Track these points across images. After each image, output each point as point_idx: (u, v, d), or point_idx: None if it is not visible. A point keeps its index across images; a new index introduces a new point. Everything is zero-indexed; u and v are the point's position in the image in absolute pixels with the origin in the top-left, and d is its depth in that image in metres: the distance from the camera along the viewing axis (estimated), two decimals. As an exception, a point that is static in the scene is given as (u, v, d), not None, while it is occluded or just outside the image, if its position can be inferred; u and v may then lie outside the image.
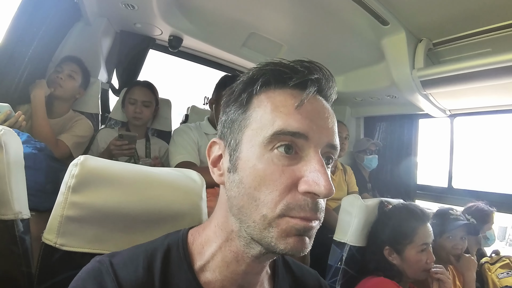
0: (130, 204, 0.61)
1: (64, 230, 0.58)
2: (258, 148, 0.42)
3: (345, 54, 1.98)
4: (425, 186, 2.43)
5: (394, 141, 2.59)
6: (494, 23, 1.39)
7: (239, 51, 2.06)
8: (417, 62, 1.63)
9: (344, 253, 1.13)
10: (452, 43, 1.59)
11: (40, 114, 1.35)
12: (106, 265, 0.45)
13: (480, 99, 1.84)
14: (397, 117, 2.53)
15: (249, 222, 0.42)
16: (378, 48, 1.73)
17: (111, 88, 2.05)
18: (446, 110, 2.05)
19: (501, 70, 1.39)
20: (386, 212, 1.17)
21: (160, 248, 0.49)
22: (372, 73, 2.06)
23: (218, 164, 0.49)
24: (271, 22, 1.75)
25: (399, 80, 1.75)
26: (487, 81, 1.53)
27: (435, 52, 1.69)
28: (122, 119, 1.80)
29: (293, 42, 1.95)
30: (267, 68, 0.45)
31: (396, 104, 2.31)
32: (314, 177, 0.40)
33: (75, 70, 1.54)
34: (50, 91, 1.44)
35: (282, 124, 0.41)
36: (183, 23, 1.82)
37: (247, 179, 0.42)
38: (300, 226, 0.40)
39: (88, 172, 0.59)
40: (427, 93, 1.80)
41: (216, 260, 0.48)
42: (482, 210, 1.63)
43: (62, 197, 0.58)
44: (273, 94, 0.44)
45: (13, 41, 1.32)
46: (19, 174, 0.68)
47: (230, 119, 0.47)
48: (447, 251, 1.34)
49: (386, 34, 1.62)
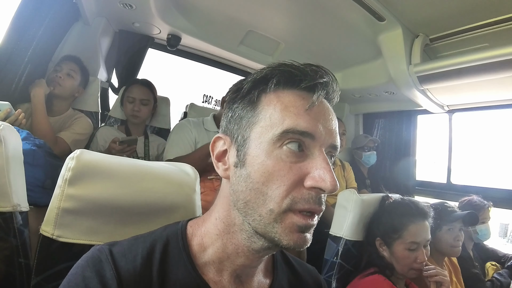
0: (124, 196, 0.62)
1: (61, 221, 0.60)
2: (267, 145, 0.44)
3: (342, 51, 1.98)
4: (424, 182, 2.43)
5: (392, 137, 2.59)
6: (491, 17, 1.38)
7: (237, 49, 2.07)
8: (414, 58, 1.63)
9: (340, 247, 1.14)
10: (449, 38, 1.59)
11: (40, 112, 1.37)
12: (105, 253, 0.46)
13: (478, 94, 1.84)
14: (395, 114, 2.53)
15: (255, 216, 0.44)
16: (375, 45, 1.73)
17: (111, 87, 2.07)
18: (444, 105, 2.04)
19: (498, 64, 1.39)
20: (385, 205, 1.17)
21: (159, 239, 0.50)
22: (370, 70, 2.06)
23: (223, 158, 0.50)
24: (268, 20, 1.76)
25: (396, 76, 1.75)
26: (484, 76, 1.53)
27: (432, 47, 1.68)
28: (121, 117, 1.82)
29: (290, 39, 1.96)
30: (280, 69, 0.47)
31: (394, 101, 2.31)
32: (321, 174, 0.43)
33: (74, 69, 1.56)
34: (50, 90, 1.47)
35: (291, 123, 0.44)
36: (181, 22, 1.84)
37: (255, 174, 0.44)
38: (302, 224, 0.44)
39: (84, 165, 0.61)
40: (425, 89, 1.80)
41: (216, 252, 0.49)
42: (474, 204, 1.62)
43: (59, 190, 0.60)
44: (283, 94, 0.47)
45: (13, 41, 1.33)
46: (17, 168, 0.69)
47: (238, 115, 0.49)
48: (449, 244, 1.32)
49: (382, 30, 1.62)
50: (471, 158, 2.32)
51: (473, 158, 2.34)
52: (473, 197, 1.66)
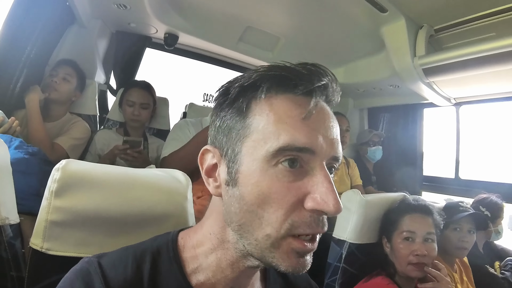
0: (112, 207, 0.60)
1: (49, 234, 0.58)
2: (261, 163, 0.40)
3: (345, 45, 1.93)
4: (431, 177, 2.37)
5: (398, 132, 2.52)
6: (497, 6, 1.32)
7: (236, 46, 2.03)
8: (418, 50, 1.57)
9: (344, 251, 1.10)
10: (454, 29, 1.52)
11: (35, 119, 1.35)
12: (94, 265, 0.44)
13: (486, 86, 1.77)
14: (401, 107, 2.46)
15: (251, 239, 0.41)
16: (378, 37, 1.68)
17: (109, 89, 2.06)
18: (451, 98, 1.98)
19: (506, 55, 1.33)
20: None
21: (149, 249, 0.48)
22: (373, 63, 2.00)
23: (213, 174, 0.46)
24: (267, 15, 1.71)
25: (400, 69, 1.69)
26: (492, 67, 1.47)
27: (436, 38, 1.62)
28: (120, 119, 1.80)
29: (290, 34, 1.91)
30: (270, 73, 0.42)
31: (399, 94, 2.25)
32: (322, 195, 0.39)
33: (69, 73, 1.55)
34: (45, 95, 1.45)
35: (288, 139, 0.39)
36: (177, 21, 1.80)
37: (249, 196, 0.40)
38: (301, 250, 0.40)
39: (70, 176, 0.59)
40: (430, 82, 1.74)
41: (209, 264, 0.47)
42: (496, 204, 1.55)
43: (46, 202, 0.58)
44: (276, 101, 0.41)
45: (5, 47, 1.32)
46: (5, 180, 0.68)
47: (226, 125, 0.43)
48: (453, 244, 1.27)
49: (385, 22, 1.56)
50: (480, 152, 2.25)
51: (482, 152, 2.27)
52: (492, 196, 1.57)
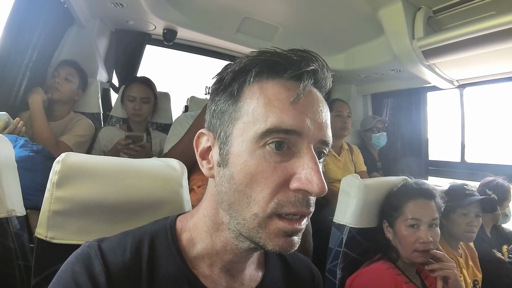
0: (110, 195, 0.63)
1: (52, 223, 0.62)
2: (250, 143, 0.41)
3: (343, 31, 1.90)
4: (437, 161, 2.34)
5: (402, 117, 2.49)
6: (497, -17, 1.29)
7: (234, 37, 2.02)
8: (417, 32, 1.54)
9: (344, 236, 1.11)
10: (453, 9, 1.48)
11: (39, 119, 1.40)
12: (94, 249, 0.46)
13: (489, 66, 1.72)
14: (404, 92, 2.42)
15: (239, 219, 0.43)
16: (376, 21, 1.65)
17: (112, 87, 2.10)
18: (454, 80, 1.93)
19: (507, 32, 1.29)
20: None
21: (148, 233, 0.50)
22: (373, 48, 1.97)
23: (207, 157, 0.48)
24: (263, 5, 1.70)
25: (399, 52, 1.67)
26: (494, 46, 1.43)
27: (435, 20, 1.58)
28: (123, 116, 1.84)
29: (288, 23, 1.90)
30: (261, 58, 0.43)
31: (402, 79, 2.22)
32: (307, 175, 0.40)
33: (71, 73, 1.59)
34: (48, 96, 1.50)
35: (276, 121, 0.40)
36: (174, 16, 1.81)
37: (238, 175, 0.42)
38: (288, 229, 0.41)
39: (69, 168, 0.62)
40: (431, 64, 1.71)
41: (205, 248, 0.49)
42: (502, 186, 1.53)
43: (48, 193, 0.62)
44: (266, 85, 0.43)
45: (6, 50, 1.35)
46: (11, 175, 0.71)
47: (220, 109, 0.45)
48: (462, 229, 1.26)
49: (382, 5, 1.54)
50: (485, 135, 2.21)
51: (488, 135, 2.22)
52: (498, 178, 1.55)
